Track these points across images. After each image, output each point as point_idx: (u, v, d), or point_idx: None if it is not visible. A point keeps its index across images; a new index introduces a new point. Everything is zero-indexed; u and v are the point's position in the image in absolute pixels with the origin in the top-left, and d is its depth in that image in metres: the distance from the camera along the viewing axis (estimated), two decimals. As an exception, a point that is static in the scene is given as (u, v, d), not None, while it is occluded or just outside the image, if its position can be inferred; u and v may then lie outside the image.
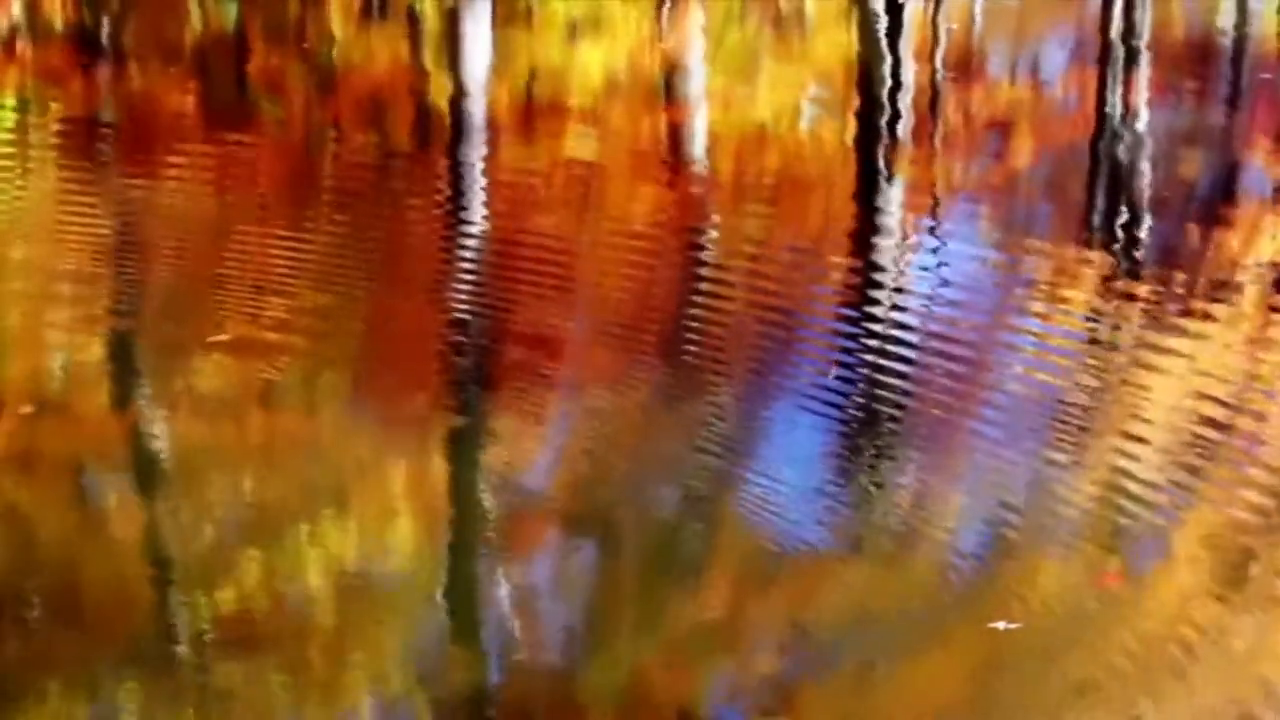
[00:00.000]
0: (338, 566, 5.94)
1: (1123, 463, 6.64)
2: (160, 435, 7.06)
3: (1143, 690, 5.16)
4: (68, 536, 6.11)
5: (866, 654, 5.46)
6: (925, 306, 8.53)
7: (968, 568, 5.99)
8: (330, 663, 5.29)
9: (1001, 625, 5.41)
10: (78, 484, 6.65)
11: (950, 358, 7.77)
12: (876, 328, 8.15)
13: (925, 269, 9.35)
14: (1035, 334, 8.21)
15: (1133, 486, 6.42)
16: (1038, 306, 8.57)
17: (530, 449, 7.08)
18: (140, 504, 6.41)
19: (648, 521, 6.37)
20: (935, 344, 7.95)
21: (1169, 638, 5.42)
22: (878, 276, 9.17)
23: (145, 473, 6.73)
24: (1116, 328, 8.25)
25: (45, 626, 5.50)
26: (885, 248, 9.84)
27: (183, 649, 5.36)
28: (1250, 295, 8.78)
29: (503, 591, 5.87)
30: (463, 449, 7.09)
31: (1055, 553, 5.98)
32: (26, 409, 7.21)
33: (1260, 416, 7.06)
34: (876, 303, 8.56)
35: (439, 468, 6.90)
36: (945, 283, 9.03)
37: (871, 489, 6.59)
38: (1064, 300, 8.62)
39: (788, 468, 6.72)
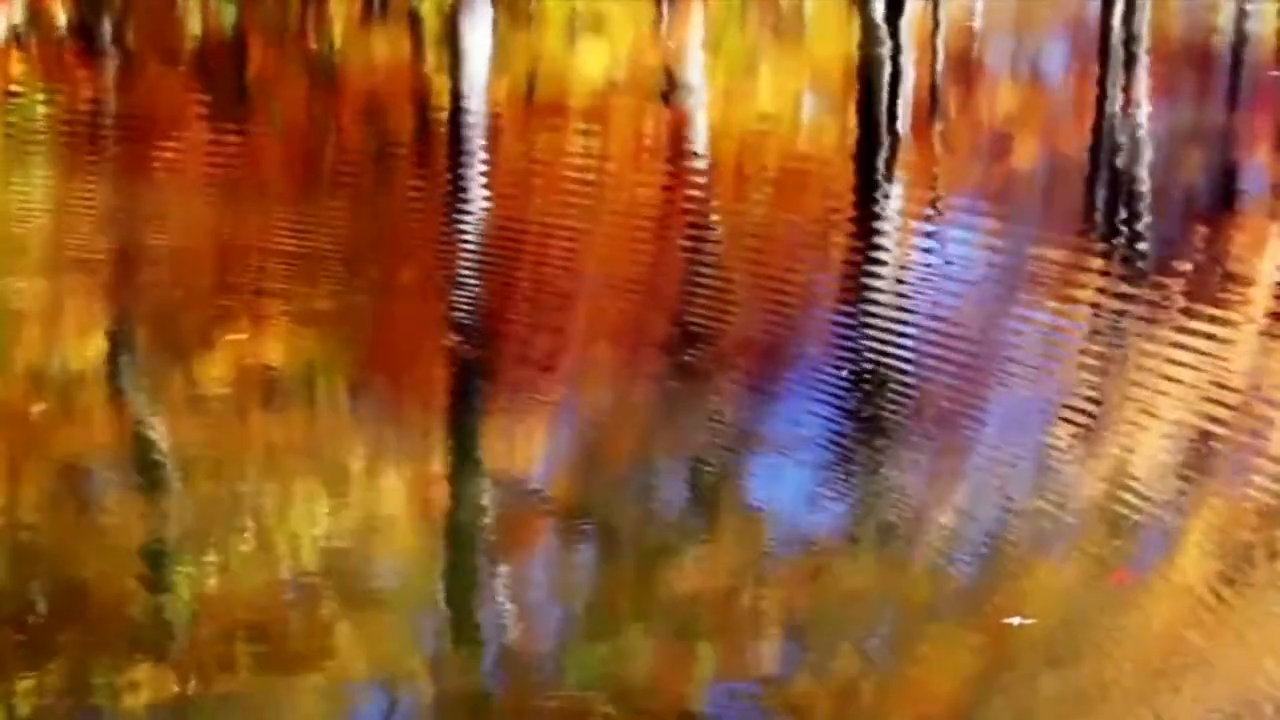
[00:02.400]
0: (336, 561, 5.95)
1: (1126, 458, 6.65)
2: (161, 431, 7.06)
3: (1150, 688, 5.17)
4: (70, 533, 6.12)
5: (868, 650, 5.46)
6: (925, 304, 8.54)
7: (969, 564, 5.99)
8: (328, 658, 5.29)
9: (1016, 621, 5.41)
10: (86, 480, 6.65)
11: (951, 354, 7.79)
12: (876, 324, 8.17)
13: (925, 266, 9.36)
14: (1035, 331, 8.22)
15: (1136, 482, 6.43)
16: (1038, 303, 8.57)
17: (530, 442, 7.09)
18: (140, 499, 6.41)
19: (647, 515, 6.37)
20: (935, 340, 7.97)
21: (1175, 634, 5.44)
22: (878, 274, 9.18)
23: (147, 469, 6.73)
24: (1118, 323, 8.26)
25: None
26: (885, 245, 9.86)
27: (180, 642, 5.36)
28: (1251, 290, 8.81)
29: (500, 586, 5.88)
30: (463, 442, 7.11)
31: (1058, 549, 5.98)
32: (39, 406, 7.22)
33: (1263, 413, 7.08)
34: (876, 302, 8.57)
35: (439, 461, 6.90)
36: (945, 280, 9.03)
37: (872, 482, 6.59)
38: (1065, 296, 8.63)
39: (788, 461, 6.73)
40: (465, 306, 8.67)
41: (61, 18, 18.19)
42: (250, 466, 6.70)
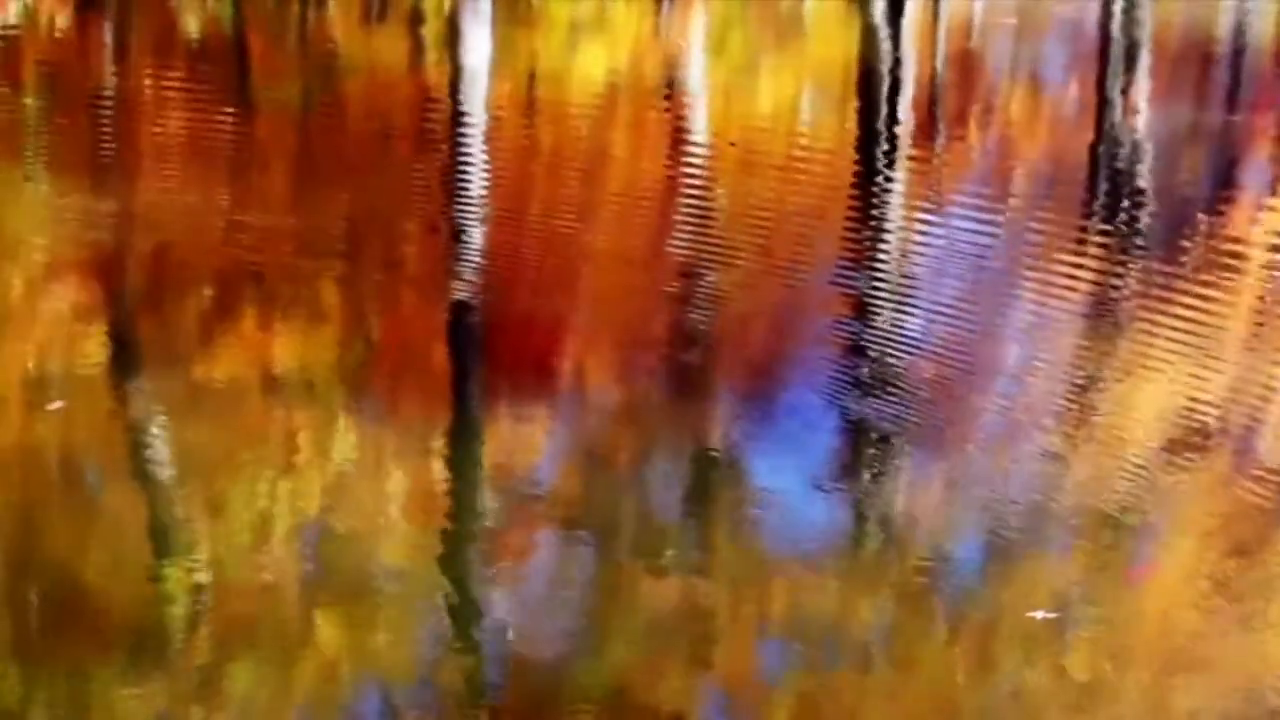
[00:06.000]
0: (336, 560, 5.96)
1: (1127, 450, 6.67)
2: (160, 430, 7.07)
3: (1154, 684, 5.20)
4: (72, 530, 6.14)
5: (874, 646, 5.48)
6: (925, 300, 8.57)
7: (970, 563, 6.01)
8: (327, 658, 5.31)
9: (1039, 615, 5.42)
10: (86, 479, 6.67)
11: (950, 351, 7.82)
12: (876, 320, 8.19)
13: (925, 264, 9.39)
14: (1034, 327, 8.25)
15: (1136, 474, 6.45)
16: (1038, 299, 8.60)
17: (529, 442, 7.11)
18: (141, 498, 6.42)
19: (646, 517, 6.38)
20: (935, 337, 7.99)
21: (1182, 626, 5.47)
22: (878, 272, 9.20)
23: (147, 468, 6.74)
24: (1118, 317, 8.30)
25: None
26: (886, 243, 9.88)
27: (180, 643, 5.38)
28: (1250, 283, 8.85)
29: (499, 588, 5.89)
30: (462, 440, 7.13)
31: (1066, 543, 6.01)
32: (56, 404, 7.23)
33: (1262, 403, 7.11)
34: (877, 299, 8.59)
35: (438, 459, 6.91)
36: (944, 279, 9.06)
37: (875, 474, 6.61)
38: (1065, 292, 8.65)
39: (786, 462, 6.75)
40: (466, 300, 8.70)
41: (60, 14, 18.19)
42: (247, 457, 6.71)
